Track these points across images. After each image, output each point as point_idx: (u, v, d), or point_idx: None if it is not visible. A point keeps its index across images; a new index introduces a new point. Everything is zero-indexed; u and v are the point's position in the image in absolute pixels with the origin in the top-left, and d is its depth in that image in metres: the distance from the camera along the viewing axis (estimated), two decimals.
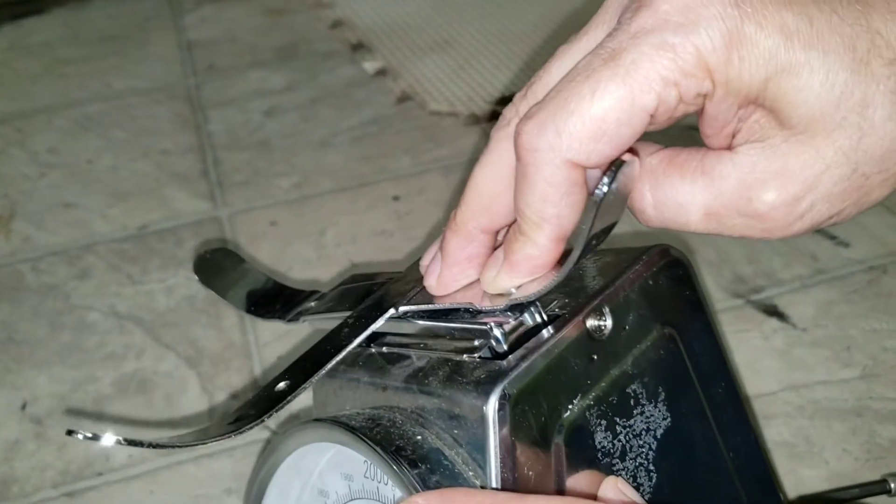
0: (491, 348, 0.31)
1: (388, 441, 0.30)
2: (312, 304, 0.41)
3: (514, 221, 0.31)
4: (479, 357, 0.31)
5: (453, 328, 0.32)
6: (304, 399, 0.36)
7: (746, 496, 0.36)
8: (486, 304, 0.32)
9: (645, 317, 0.33)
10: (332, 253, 0.69)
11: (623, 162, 0.28)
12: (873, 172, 0.28)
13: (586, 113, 0.28)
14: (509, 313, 0.31)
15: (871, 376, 0.55)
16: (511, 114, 0.32)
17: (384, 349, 0.35)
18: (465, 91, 0.89)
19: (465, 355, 0.31)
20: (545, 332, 0.31)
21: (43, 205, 0.78)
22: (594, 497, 0.29)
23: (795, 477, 0.49)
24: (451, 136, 0.82)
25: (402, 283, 0.37)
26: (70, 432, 0.28)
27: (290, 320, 0.41)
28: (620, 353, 0.32)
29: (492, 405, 0.28)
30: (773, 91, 0.27)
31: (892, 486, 0.46)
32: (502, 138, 0.32)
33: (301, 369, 0.33)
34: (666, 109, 0.28)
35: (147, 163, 0.82)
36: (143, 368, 0.60)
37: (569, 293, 0.32)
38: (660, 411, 0.33)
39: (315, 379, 0.33)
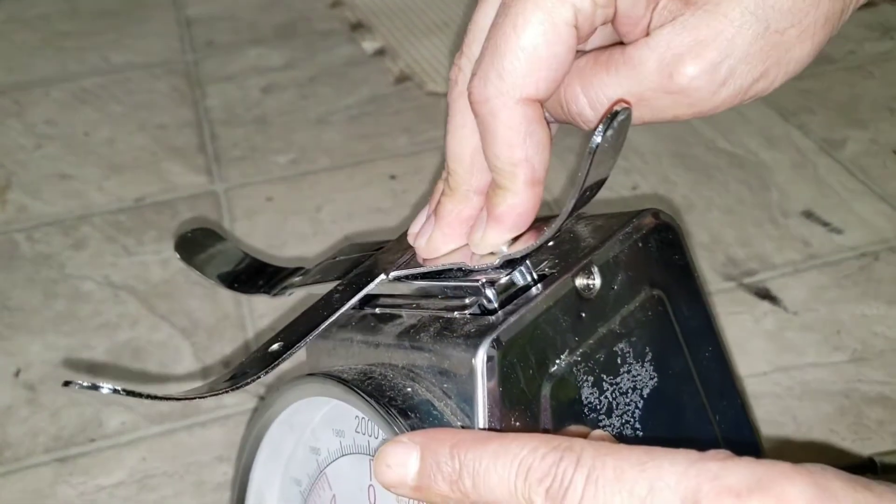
0: (481, 305, 0.31)
1: (379, 392, 0.30)
2: (297, 279, 0.42)
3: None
4: (470, 314, 0.31)
5: (446, 287, 0.33)
6: (296, 360, 0.37)
7: None
8: (477, 263, 0.32)
9: (633, 278, 0.33)
10: (328, 229, 0.69)
11: (617, 111, 0.28)
12: (786, 27, 0.29)
13: (516, 47, 0.29)
14: (501, 270, 0.31)
15: (860, 360, 0.55)
16: (455, 74, 0.33)
17: (377, 310, 0.35)
18: None
19: (455, 312, 0.32)
20: (534, 290, 0.31)
21: (39, 175, 0.78)
22: None
23: (782, 456, 0.49)
24: None
25: (392, 252, 0.37)
26: (67, 383, 0.28)
27: (275, 294, 0.42)
28: (608, 312, 0.32)
29: (480, 357, 0.29)
30: None
31: (880, 465, 0.47)
32: (457, 99, 0.33)
33: (294, 331, 0.34)
34: (585, 17, 0.29)
35: (144, 136, 0.82)
36: (137, 338, 0.61)
37: (559, 255, 0.33)
38: (647, 371, 0.33)
39: (308, 339, 0.33)
